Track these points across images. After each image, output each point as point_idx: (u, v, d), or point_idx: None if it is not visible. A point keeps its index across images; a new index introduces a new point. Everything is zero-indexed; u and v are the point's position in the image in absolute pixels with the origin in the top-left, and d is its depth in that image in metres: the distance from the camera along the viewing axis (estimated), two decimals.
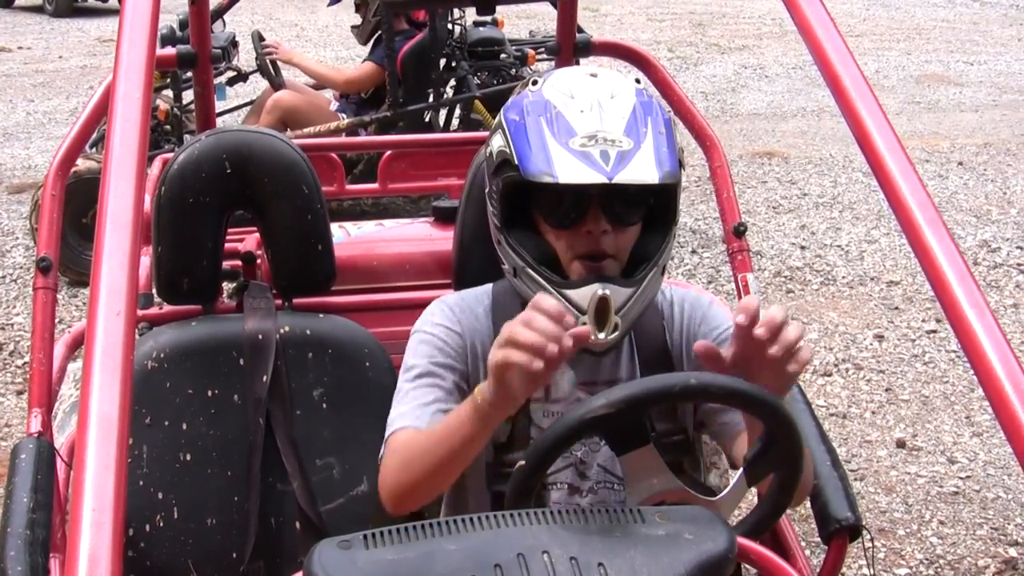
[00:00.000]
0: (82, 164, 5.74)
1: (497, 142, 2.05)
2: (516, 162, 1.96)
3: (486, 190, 2.14)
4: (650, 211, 2.05)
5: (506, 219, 2.06)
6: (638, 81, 2.04)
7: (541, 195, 2.00)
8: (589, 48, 3.18)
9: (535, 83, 2.05)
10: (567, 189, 1.92)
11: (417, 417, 2.01)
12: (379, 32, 7.49)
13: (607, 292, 1.93)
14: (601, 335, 1.95)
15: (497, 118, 2.10)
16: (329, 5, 8.13)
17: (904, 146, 1.59)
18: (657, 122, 1.96)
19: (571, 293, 1.96)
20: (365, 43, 7.71)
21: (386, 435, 2.03)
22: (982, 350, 1.33)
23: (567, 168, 1.88)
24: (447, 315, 2.15)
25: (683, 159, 2.04)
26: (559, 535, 1.42)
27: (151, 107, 1.58)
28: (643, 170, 1.89)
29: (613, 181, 1.87)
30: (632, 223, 2.02)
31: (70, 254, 6.10)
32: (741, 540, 1.59)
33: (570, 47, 3.19)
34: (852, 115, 1.63)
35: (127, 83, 1.47)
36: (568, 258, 2.02)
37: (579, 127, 1.91)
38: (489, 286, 2.23)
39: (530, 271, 2.02)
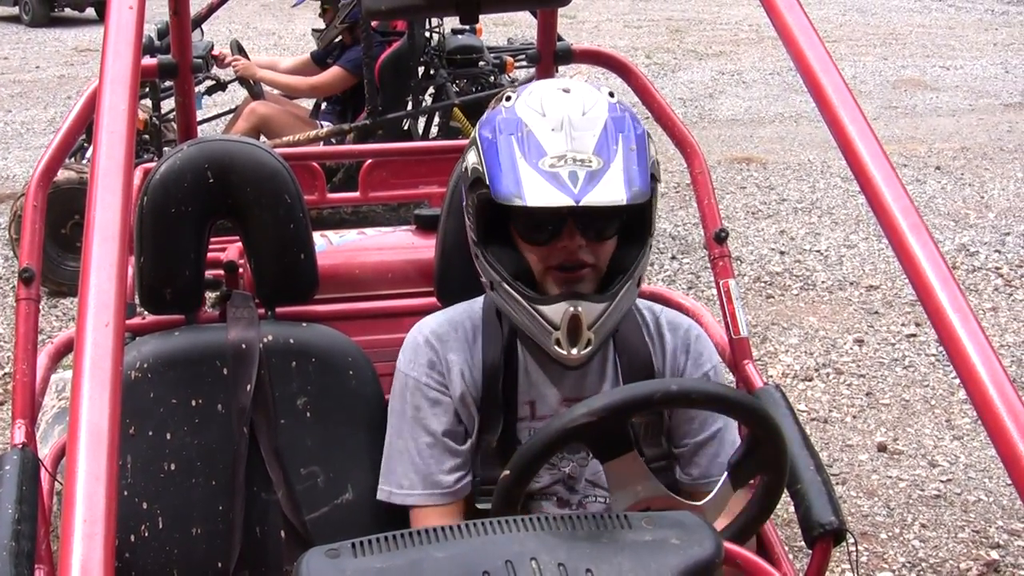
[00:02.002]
0: (60, 174, 5.72)
1: (471, 158, 2.06)
2: (488, 183, 1.97)
3: (463, 203, 2.16)
4: (626, 224, 2.06)
5: (483, 234, 2.07)
6: (611, 95, 2.05)
7: (516, 212, 2.01)
8: (570, 56, 3.17)
9: (508, 99, 2.06)
10: (531, 211, 1.94)
11: (431, 492, 2.15)
12: (338, 38, 7.50)
13: (579, 311, 1.97)
14: (574, 350, 1.98)
15: (473, 132, 2.11)
16: (293, 6, 8.12)
17: (886, 153, 1.60)
18: (629, 138, 1.97)
19: (544, 309, 1.99)
20: (323, 48, 7.70)
21: (388, 490, 2.19)
22: (966, 354, 1.34)
23: (535, 191, 1.89)
24: (429, 353, 2.19)
25: (658, 172, 2.05)
26: (547, 542, 1.43)
27: None
28: (611, 191, 1.90)
29: (580, 204, 1.88)
30: (607, 237, 2.04)
31: (49, 264, 6.07)
32: (727, 545, 1.60)
33: (550, 55, 3.18)
34: (834, 122, 1.63)
35: (112, 95, 1.46)
36: (541, 271, 2.04)
37: (549, 147, 1.92)
38: (478, 303, 2.25)
39: (506, 286, 2.04)
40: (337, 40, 7.56)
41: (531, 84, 2.12)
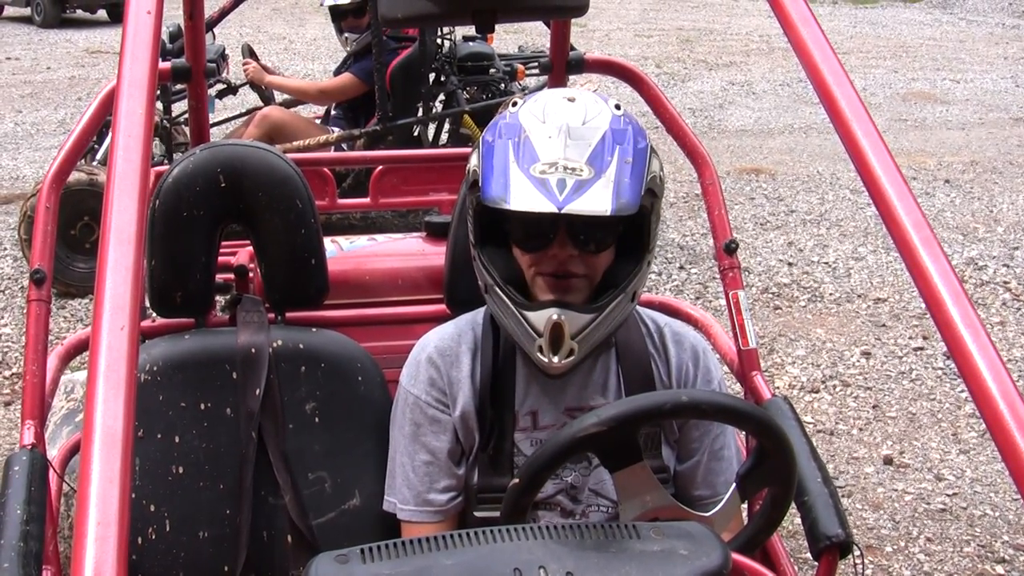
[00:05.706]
0: (71, 175, 5.72)
1: (473, 160, 2.08)
2: (480, 184, 1.98)
3: (465, 204, 2.16)
4: (624, 238, 2.06)
5: (481, 236, 2.09)
6: (618, 107, 2.04)
7: (510, 216, 2.00)
8: (582, 65, 3.18)
9: (515, 104, 2.06)
10: (517, 216, 1.95)
11: (423, 510, 2.20)
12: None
13: (562, 319, 1.96)
14: (555, 359, 1.98)
15: (481, 135, 2.12)
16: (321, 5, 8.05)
17: (898, 166, 1.60)
18: (626, 151, 1.95)
19: (530, 315, 2.00)
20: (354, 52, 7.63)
21: (392, 501, 2.23)
22: (977, 369, 1.34)
23: (520, 195, 1.89)
24: (430, 370, 2.21)
25: (658, 188, 2.04)
26: (555, 550, 1.42)
27: None
28: (596, 201, 1.88)
29: (563, 211, 1.87)
30: (601, 249, 2.03)
31: (58, 265, 6.07)
32: (734, 556, 1.60)
33: (563, 64, 3.19)
34: (847, 134, 1.63)
35: (130, 99, 1.47)
36: (531, 275, 2.04)
37: (543, 153, 1.92)
38: (479, 315, 2.26)
39: (497, 289, 2.05)
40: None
41: (540, 92, 2.12)
